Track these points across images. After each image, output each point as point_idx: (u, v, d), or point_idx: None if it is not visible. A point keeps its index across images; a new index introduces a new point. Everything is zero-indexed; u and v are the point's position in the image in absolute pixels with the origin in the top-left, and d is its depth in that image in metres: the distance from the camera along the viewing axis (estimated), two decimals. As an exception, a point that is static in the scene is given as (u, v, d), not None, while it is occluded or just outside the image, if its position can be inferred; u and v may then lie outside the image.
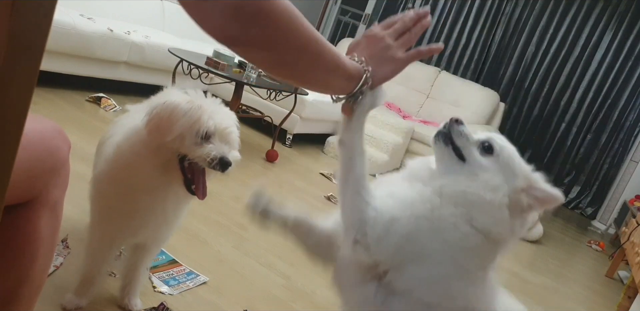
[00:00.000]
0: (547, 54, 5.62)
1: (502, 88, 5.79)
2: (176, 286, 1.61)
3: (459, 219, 0.90)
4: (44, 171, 0.85)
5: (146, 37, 3.46)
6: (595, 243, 4.33)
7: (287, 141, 3.94)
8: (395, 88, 5.53)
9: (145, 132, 1.15)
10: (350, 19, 6.86)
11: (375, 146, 4.18)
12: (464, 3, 5.95)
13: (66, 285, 1.40)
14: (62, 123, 2.80)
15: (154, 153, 1.16)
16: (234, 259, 1.90)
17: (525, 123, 5.78)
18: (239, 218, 2.28)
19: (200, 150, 1.13)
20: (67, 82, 3.27)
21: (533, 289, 2.79)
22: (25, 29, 0.48)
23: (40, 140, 0.83)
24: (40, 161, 0.84)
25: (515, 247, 0.98)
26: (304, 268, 2.03)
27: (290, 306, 1.73)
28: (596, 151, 5.53)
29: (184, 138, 1.13)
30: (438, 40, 6.12)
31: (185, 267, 1.75)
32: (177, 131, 1.12)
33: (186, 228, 2.00)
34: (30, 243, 0.87)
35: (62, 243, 1.57)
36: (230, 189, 2.61)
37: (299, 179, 3.22)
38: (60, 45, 2.98)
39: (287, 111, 3.46)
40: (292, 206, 1.08)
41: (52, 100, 2.95)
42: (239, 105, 3.10)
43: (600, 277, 3.51)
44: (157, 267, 1.71)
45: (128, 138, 1.21)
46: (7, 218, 0.82)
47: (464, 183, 0.93)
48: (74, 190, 1.90)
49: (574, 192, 5.68)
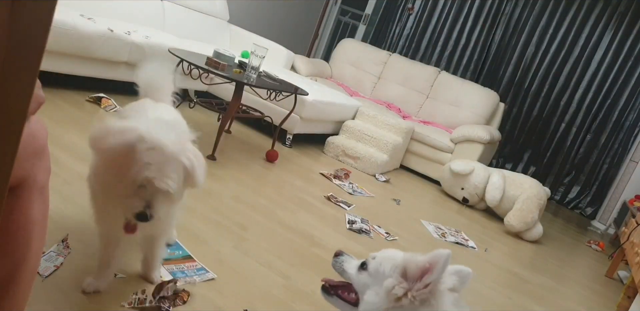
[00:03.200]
0: (547, 54, 5.62)
1: (502, 89, 5.80)
2: (181, 279, 1.62)
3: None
4: (29, 155, 0.88)
5: (146, 37, 3.47)
6: (595, 243, 4.34)
7: (287, 141, 3.94)
8: (395, 88, 5.54)
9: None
10: (350, 19, 6.86)
11: (375, 146, 4.18)
12: (464, 3, 5.95)
13: (66, 285, 1.40)
14: (62, 123, 2.80)
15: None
16: (234, 259, 1.91)
17: (525, 123, 5.79)
18: (239, 218, 2.29)
19: (126, 203, 1.18)
20: (67, 82, 3.27)
21: (533, 289, 2.79)
22: (25, 29, 0.48)
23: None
24: (25, 145, 0.86)
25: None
26: (304, 268, 2.03)
27: (290, 306, 1.73)
28: (596, 151, 5.54)
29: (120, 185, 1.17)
30: (438, 40, 6.13)
31: (198, 263, 1.77)
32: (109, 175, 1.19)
33: (186, 228, 2.00)
34: (25, 226, 0.92)
35: (62, 243, 1.57)
36: (230, 189, 2.61)
37: (299, 179, 3.22)
38: (60, 45, 2.98)
39: (287, 111, 3.47)
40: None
41: (52, 100, 2.95)
42: (239, 106, 3.10)
43: (600, 277, 3.51)
44: (170, 260, 1.73)
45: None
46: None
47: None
48: (73, 190, 1.91)
49: (573, 192, 5.68)
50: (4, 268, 0.92)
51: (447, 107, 5.29)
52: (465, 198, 4.12)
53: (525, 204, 3.75)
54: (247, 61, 3.06)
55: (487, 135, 4.46)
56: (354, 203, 3.11)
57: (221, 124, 2.99)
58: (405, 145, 4.54)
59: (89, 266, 1.52)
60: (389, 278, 1.07)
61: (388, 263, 1.10)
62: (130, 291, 1.47)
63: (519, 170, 5.66)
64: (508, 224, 3.74)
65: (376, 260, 1.13)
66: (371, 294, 1.09)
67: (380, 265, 1.10)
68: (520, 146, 5.82)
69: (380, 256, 1.14)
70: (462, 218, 3.79)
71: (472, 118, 5.11)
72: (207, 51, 3.35)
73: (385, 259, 1.11)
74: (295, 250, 2.19)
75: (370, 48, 5.82)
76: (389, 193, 3.72)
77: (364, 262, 1.16)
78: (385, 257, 1.12)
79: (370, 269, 1.12)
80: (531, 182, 3.93)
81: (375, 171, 4.05)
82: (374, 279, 1.10)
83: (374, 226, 2.82)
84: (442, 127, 5.06)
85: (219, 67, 2.84)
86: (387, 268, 1.09)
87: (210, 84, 3.33)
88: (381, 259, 1.12)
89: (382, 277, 1.08)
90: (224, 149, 3.26)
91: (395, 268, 1.07)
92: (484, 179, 3.99)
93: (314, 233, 2.42)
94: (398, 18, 6.36)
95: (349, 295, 1.17)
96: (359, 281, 1.14)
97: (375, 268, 1.11)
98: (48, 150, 0.97)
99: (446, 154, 4.58)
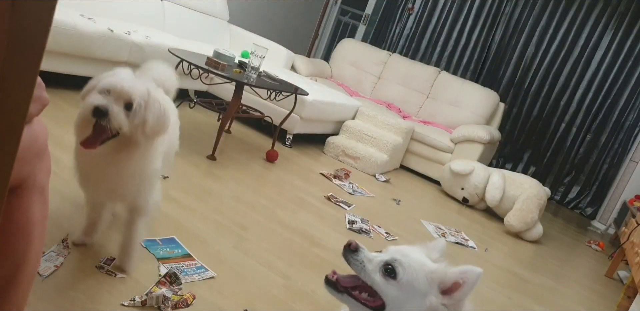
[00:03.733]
0: (547, 54, 5.62)
1: (502, 89, 5.79)
2: (181, 278, 1.62)
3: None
4: (30, 156, 0.89)
5: (146, 37, 3.46)
6: (595, 243, 4.34)
7: (287, 141, 3.94)
8: (395, 88, 5.54)
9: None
10: (350, 19, 6.86)
11: (375, 146, 4.18)
12: (464, 3, 5.95)
13: (66, 285, 1.40)
14: (62, 123, 2.80)
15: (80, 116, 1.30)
16: (234, 259, 1.91)
17: (525, 123, 5.79)
18: (239, 218, 2.29)
19: (84, 103, 1.27)
20: (67, 82, 3.27)
21: (533, 289, 2.79)
22: (25, 29, 0.48)
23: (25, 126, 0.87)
24: (26, 146, 0.87)
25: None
26: (304, 268, 2.03)
27: (290, 306, 1.73)
28: (596, 151, 5.54)
29: (83, 96, 1.30)
30: (438, 40, 6.13)
31: (197, 261, 1.77)
32: (83, 92, 1.31)
33: (186, 228, 2.00)
34: (25, 227, 0.92)
35: (63, 243, 1.57)
36: (230, 189, 2.61)
37: (299, 179, 3.22)
38: (60, 45, 2.98)
39: (287, 111, 3.47)
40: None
41: (52, 100, 2.94)
42: (239, 106, 3.10)
43: (600, 277, 3.51)
44: (170, 259, 1.73)
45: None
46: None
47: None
48: (73, 190, 1.91)
49: (573, 191, 5.68)
50: (4, 269, 0.92)
51: (447, 107, 5.29)
52: (465, 198, 4.12)
53: (525, 204, 3.75)
54: (247, 61, 3.06)
55: (487, 135, 4.46)
56: (354, 203, 3.11)
57: (221, 124, 2.99)
58: (405, 145, 4.54)
59: (89, 266, 1.53)
60: (431, 296, 1.02)
61: (421, 275, 1.04)
62: (130, 291, 1.48)
63: (519, 170, 5.66)
64: (508, 224, 3.74)
65: (407, 272, 1.04)
66: (410, 309, 1.03)
67: (415, 279, 1.03)
68: (520, 146, 5.82)
69: (407, 264, 1.05)
70: (462, 218, 3.79)
71: (472, 118, 5.11)
72: (207, 51, 3.35)
73: (417, 271, 1.04)
74: (295, 250, 2.19)
75: (370, 48, 5.82)
76: (389, 193, 3.72)
77: (388, 268, 1.05)
78: (415, 268, 1.04)
79: (402, 281, 1.03)
80: (531, 182, 3.93)
81: (375, 171, 4.05)
82: (408, 293, 1.03)
83: (374, 226, 2.82)
84: (442, 127, 5.06)
85: (219, 67, 2.84)
86: (422, 283, 1.03)
87: (210, 84, 3.34)
88: (413, 270, 1.04)
89: (418, 293, 1.03)
90: (224, 149, 3.26)
91: (432, 283, 1.03)
92: (484, 179, 3.99)
93: (314, 233, 2.42)
94: (398, 18, 6.36)
95: (360, 294, 1.07)
96: (388, 293, 1.04)
97: (410, 281, 1.03)
98: (49, 151, 0.98)
99: (446, 154, 4.58)
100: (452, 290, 1.03)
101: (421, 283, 1.03)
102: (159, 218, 2.01)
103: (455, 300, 1.02)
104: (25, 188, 0.91)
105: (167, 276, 1.56)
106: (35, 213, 0.94)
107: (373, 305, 1.05)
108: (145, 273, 1.60)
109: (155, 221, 1.98)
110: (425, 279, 1.03)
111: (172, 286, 1.54)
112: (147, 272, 1.61)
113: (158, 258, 1.71)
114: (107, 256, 1.60)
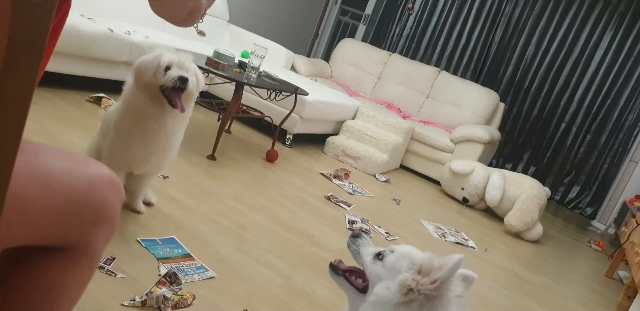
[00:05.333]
0: (547, 54, 5.62)
1: (502, 89, 5.79)
2: (181, 278, 1.62)
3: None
4: (83, 222, 0.82)
5: (146, 37, 3.46)
6: (595, 243, 4.34)
7: (287, 141, 3.94)
8: (395, 88, 5.54)
9: (132, 80, 1.76)
10: (350, 19, 6.86)
11: (375, 146, 4.18)
12: (464, 3, 5.95)
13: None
14: (62, 123, 2.80)
15: (143, 90, 1.74)
16: (234, 259, 1.91)
17: (525, 123, 5.79)
18: (239, 218, 2.29)
19: (165, 77, 1.72)
20: (67, 82, 3.27)
21: (533, 289, 2.79)
22: (25, 29, 0.48)
23: (86, 191, 0.81)
24: (80, 212, 0.81)
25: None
26: (304, 268, 2.03)
27: (290, 306, 1.73)
28: (596, 151, 5.53)
29: (155, 75, 1.72)
30: (438, 40, 6.13)
31: (197, 261, 1.77)
32: (149, 72, 1.72)
33: (186, 228, 2.00)
34: (56, 289, 0.84)
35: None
36: (230, 189, 2.61)
37: (299, 179, 3.22)
38: (60, 45, 2.96)
39: (287, 111, 3.47)
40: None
41: (52, 100, 2.95)
42: (239, 105, 3.10)
43: (600, 277, 3.51)
44: (170, 259, 1.73)
45: (126, 88, 1.81)
46: (40, 260, 0.81)
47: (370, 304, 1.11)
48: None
49: (573, 191, 5.68)
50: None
51: (447, 107, 5.29)
52: (465, 198, 4.12)
53: (525, 204, 3.75)
54: (247, 61, 3.06)
55: (487, 135, 4.46)
56: (354, 203, 3.11)
57: (221, 124, 2.99)
58: (405, 145, 4.54)
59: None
60: (404, 274, 1.06)
61: (406, 260, 1.09)
62: (130, 291, 1.48)
63: (519, 170, 5.66)
64: (508, 224, 3.74)
65: (394, 255, 1.12)
66: (382, 287, 1.08)
67: (397, 261, 1.10)
68: (520, 146, 5.82)
69: (399, 251, 1.13)
70: (462, 218, 3.79)
71: (472, 118, 5.11)
72: (207, 51, 3.35)
73: (404, 255, 1.11)
74: (295, 250, 2.19)
75: (370, 48, 5.81)
76: (389, 193, 3.72)
77: (380, 252, 1.15)
78: (404, 253, 1.11)
79: (386, 262, 1.11)
80: (531, 182, 3.93)
81: (375, 171, 4.05)
82: (388, 273, 1.10)
83: (374, 226, 2.82)
84: (442, 127, 5.06)
85: (219, 67, 2.84)
86: (404, 265, 1.08)
87: (210, 84, 3.33)
88: (399, 254, 1.11)
89: (396, 273, 1.08)
90: (224, 149, 3.26)
91: (413, 266, 1.07)
92: (484, 179, 3.99)
93: (314, 233, 2.42)
94: (398, 18, 6.36)
95: (356, 279, 1.17)
96: (372, 271, 1.13)
97: (392, 262, 1.10)
98: (117, 219, 0.89)
99: (446, 154, 4.58)
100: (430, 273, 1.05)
101: (403, 265, 1.09)
102: (159, 218, 2.01)
103: (432, 280, 1.02)
104: (73, 251, 0.84)
105: (167, 276, 1.56)
106: (75, 278, 0.86)
107: (360, 287, 1.16)
108: (145, 273, 1.60)
109: (155, 221, 1.99)
110: (408, 263, 1.09)
111: (172, 286, 1.54)
112: (147, 272, 1.61)
113: (158, 258, 1.71)
114: (107, 256, 1.60)
